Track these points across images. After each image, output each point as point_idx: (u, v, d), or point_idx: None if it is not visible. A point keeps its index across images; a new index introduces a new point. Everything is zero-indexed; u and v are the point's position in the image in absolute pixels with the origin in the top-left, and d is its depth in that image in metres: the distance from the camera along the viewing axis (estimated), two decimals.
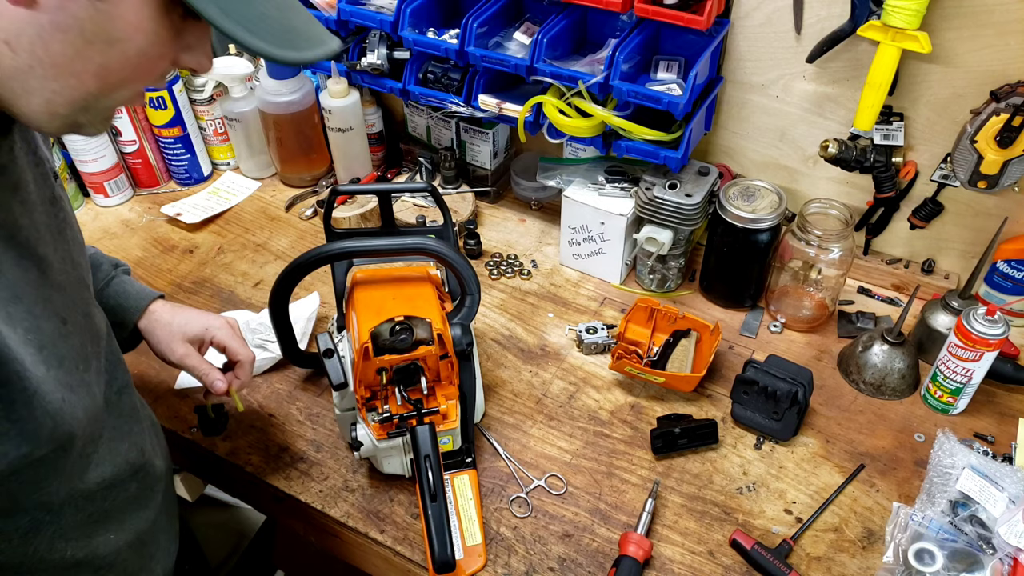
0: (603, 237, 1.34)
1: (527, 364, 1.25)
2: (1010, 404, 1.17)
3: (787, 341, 1.29)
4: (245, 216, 1.57)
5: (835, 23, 1.13)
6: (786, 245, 1.24)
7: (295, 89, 1.49)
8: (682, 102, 1.14)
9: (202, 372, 1.01)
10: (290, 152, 1.58)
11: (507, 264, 1.43)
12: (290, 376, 1.24)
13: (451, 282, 1.14)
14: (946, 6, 1.06)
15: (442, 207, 1.16)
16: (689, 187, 1.24)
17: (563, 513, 1.05)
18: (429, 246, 0.99)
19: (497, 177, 1.56)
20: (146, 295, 1.04)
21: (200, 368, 1.01)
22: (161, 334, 1.02)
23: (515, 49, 1.28)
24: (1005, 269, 1.22)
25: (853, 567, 0.99)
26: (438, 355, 0.96)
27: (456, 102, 1.33)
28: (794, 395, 1.09)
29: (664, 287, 1.37)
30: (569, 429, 1.16)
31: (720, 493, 1.07)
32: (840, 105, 1.23)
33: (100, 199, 1.58)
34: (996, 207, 1.21)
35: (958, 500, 0.99)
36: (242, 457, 1.13)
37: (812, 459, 1.11)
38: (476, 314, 1.04)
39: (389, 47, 1.39)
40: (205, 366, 1.02)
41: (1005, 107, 1.06)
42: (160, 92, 1.49)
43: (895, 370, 1.17)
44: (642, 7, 1.15)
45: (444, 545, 0.88)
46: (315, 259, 0.98)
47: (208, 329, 1.04)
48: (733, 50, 1.26)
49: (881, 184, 1.24)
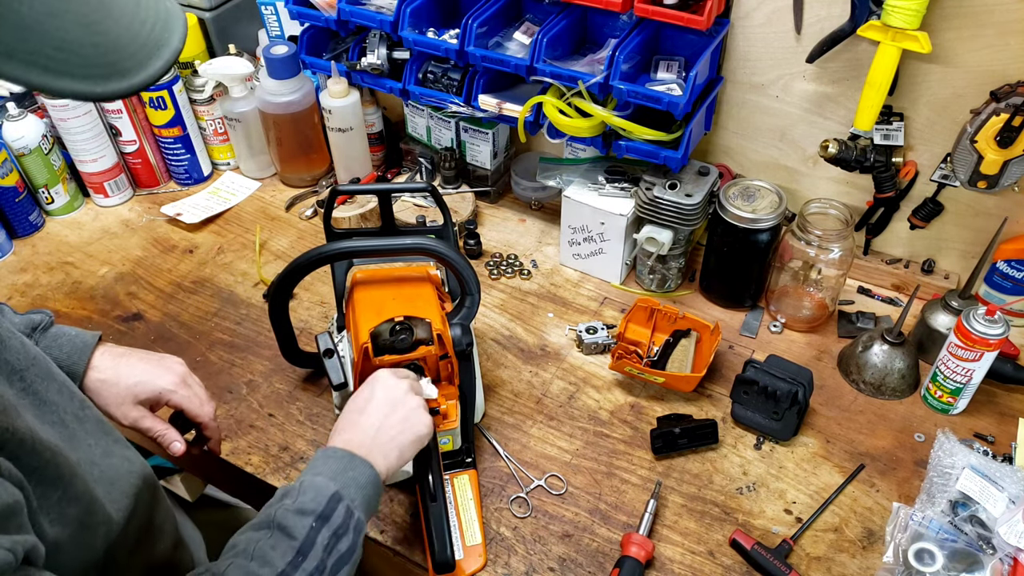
0: (603, 237, 1.34)
1: (527, 364, 1.25)
2: (1010, 404, 1.17)
3: (787, 341, 1.29)
4: (245, 216, 1.57)
5: (835, 23, 1.13)
6: (786, 245, 1.24)
7: (295, 89, 1.49)
8: (682, 102, 1.14)
9: (158, 434, 0.94)
10: (290, 152, 1.58)
11: (507, 264, 1.43)
12: (290, 376, 1.24)
13: (451, 282, 1.14)
14: (946, 6, 1.06)
15: (442, 207, 1.16)
16: (689, 187, 1.24)
17: (563, 513, 1.05)
18: (429, 246, 0.99)
19: (497, 177, 1.56)
20: (83, 346, 0.92)
21: (155, 430, 0.94)
22: (109, 396, 0.92)
23: (515, 49, 1.28)
24: (1005, 269, 1.22)
25: (853, 567, 0.99)
26: (438, 355, 0.96)
27: (456, 102, 1.33)
28: (794, 395, 1.09)
29: (664, 287, 1.37)
30: (569, 429, 1.16)
31: (720, 493, 1.07)
32: (840, 105, 1.23)
33: (100, 199, 1.58)
34: (996, 207, 1.21)
35: (958, 500, 0.99)
36: (242, 457, 1.13)
37: (812, 459, 1.11)
38: (476, 314, 1.04)
39: (389, 47, 1.39)
40: (160, 427, 0.94)
41: (1005, 107, 1.06)
42: (160, 92, 1.49)
43: (895, 370, 1.17)
44: (642, 7, 1.15)
45: (444, 545, 0.88)
46: (315, 259, 0.98)
47: (162, 394, 0.95)
48: (733, 50, 1.26)
49: (881, 184, 1.24)
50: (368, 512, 0.79)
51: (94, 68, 0.48)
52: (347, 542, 0.75)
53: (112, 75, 0.48)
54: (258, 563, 0.70)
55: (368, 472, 0.80)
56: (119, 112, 1.50)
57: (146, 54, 0.51)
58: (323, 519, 0.74)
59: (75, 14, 0.46)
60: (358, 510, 0.77)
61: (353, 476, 0.79)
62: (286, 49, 1.45)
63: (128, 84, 0.50)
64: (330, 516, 0.75)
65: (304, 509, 0.74)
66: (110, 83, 0.49)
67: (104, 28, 0.48)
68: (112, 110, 1.50)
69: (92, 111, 1.47)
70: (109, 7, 0.49)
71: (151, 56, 0.51)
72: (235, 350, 1.28)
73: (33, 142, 1.45)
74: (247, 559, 0.71)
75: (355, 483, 0.78)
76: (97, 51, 0.48)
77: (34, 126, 1.45)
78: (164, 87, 1.49)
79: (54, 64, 0.46)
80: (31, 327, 0.91)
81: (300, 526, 0.73)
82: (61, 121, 1.46)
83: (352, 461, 0.80)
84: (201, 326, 1.33)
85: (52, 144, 1.49)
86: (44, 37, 0.45)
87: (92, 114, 1.48)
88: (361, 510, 0.78)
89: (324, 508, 0.75)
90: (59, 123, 1.47)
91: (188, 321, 1.33)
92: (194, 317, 1.34)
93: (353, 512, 0.76)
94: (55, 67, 0.46)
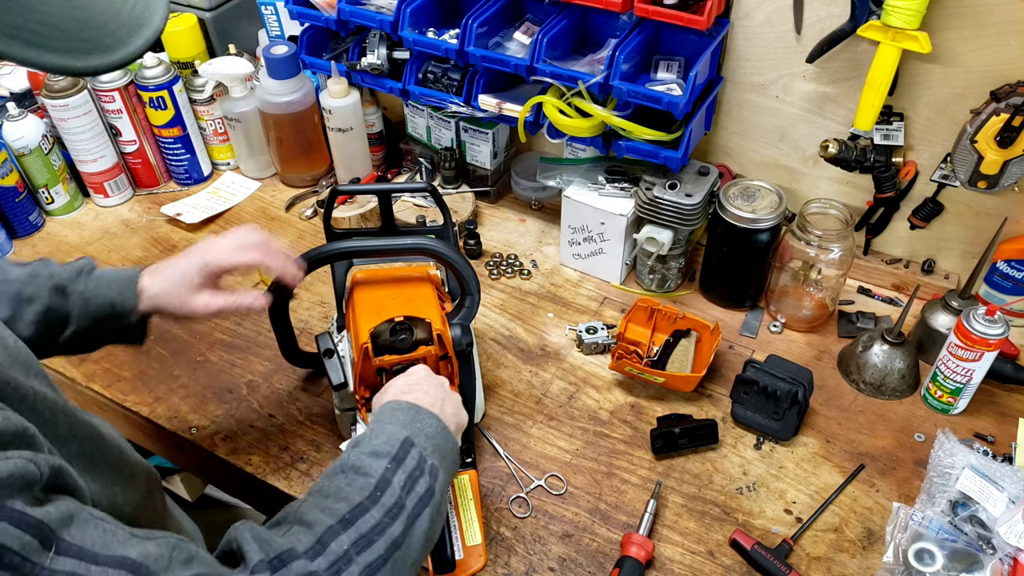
0: (603, 237, 1.34)
1: (527, 364, 1.25)
2: (1010, 404, 1.17)
3: (787, 341, 1.29)
4: (245, 216, 1.57)
5: (835, 23, 1.13)
6: (786, 245, 1.24)
7: (295, 89, 1.49)
8: (682, 102, 1.14)
9: (235, 306, 0.95)
10: (290, 152, 1.58)
11: (507, 264, 1.43)
12: (290, 376, 1.24)
13: (451, 282, 1.14)
14: (946, 6, 1.06)
15: (442, 207, 1.16)
16: (689, 187, 1.24)
17: (563, 513, 1.05)
18: (429, 246, 0.99)
19: (497, 177, 1.56)
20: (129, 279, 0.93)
21: (230, 305, 0.95)
22: (171, 303, 0.93)
23: (515, 49, 1.28)
24: (1005, 269, 1.22)
25: (853, 567, 0.99)
26: (438, 355, 0.96)
27: (456, 102, 1.33)
28: (794, 395, 1.09)
29: (664, 287, 1.37)
30: (569, 429, 1.16)
31: (720, 493, 1.07)
32: (840, 105, 1.23)
33: (100, 199, 1.58)
34: (996, 207, 1.21)
35: (958, 500, 0.99)
36: (242, 457, 1.13)
37: (812, 459, 1.11)
38: (476, 314, 1.04)
39: (389, 47, 1.39)
40: (231, 300, 0.95)
41: (1005, 107, 1.06)
42: (160, 92, 1.49)
43: (895, 370, 1.17)
44: (642, 7, 1.15)
45: (444, 545, 0.88)
46: (315, 259, 0.98)
47: (206, 265, 0.94)
48: (733, 50, 1.26)
49: (881, 184, 1.24)
50: (443, 461, 0.79)
51: (75, 43, 0.49)
52: (424, 484, 0.74)
53: (93, 51, 0.50)
54: (334, 499, 0.70)
55: (436, 424, 0.80)
56: (119, 112, 1.50)
57: (127, 32, 0.52)
58: (397, 461, 0.74)
59: None
60: (431, 457, 0.77)
61: (421, 427, 0.79)
62: (286, 49, 1.45)
63: (108, 60, 0.51)
64: (404, 459, 0.75)
65: (378, 452, 0.75)
66: (91, 58, 0.50)
67: (85, 3, 0.49)
68: (112, 110, 1.50)
69: (92, 111, 1.47)
70: None
71: (132, 34, 0.52)
72: (235, 350, 1.28)
73: (33, 142, 1.45)
74: (323, 496, 0.71)
75: (423, 432, 0.78)
76: (79, 26, 0.49)
77: (34, 126, 1.45)
78: (164, 87, 1.49)
79: (36, 38, 0.47)
80: (77, 272, 0.93)
81: (375, 466, 0.73)
82: (61, 121, 1.46)
83: (419, 413, 0.80)
84: (201, 326, 1.32)
85: (52, 144, 1.49)
86: (28, 11, 0.46)
87: (92, 114, 1.48)
88: (435, 458, 0.77)
89: (398, 451, 0.75)
90: (59, 123, 1.47)
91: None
92: None
93: (426, 459, 0.76)
94: (37, 41, 0.47)
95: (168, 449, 1.23)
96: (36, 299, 0.89)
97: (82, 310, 0.91)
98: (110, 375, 1.24)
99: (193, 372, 1.25)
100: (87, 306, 0.92)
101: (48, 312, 0.89)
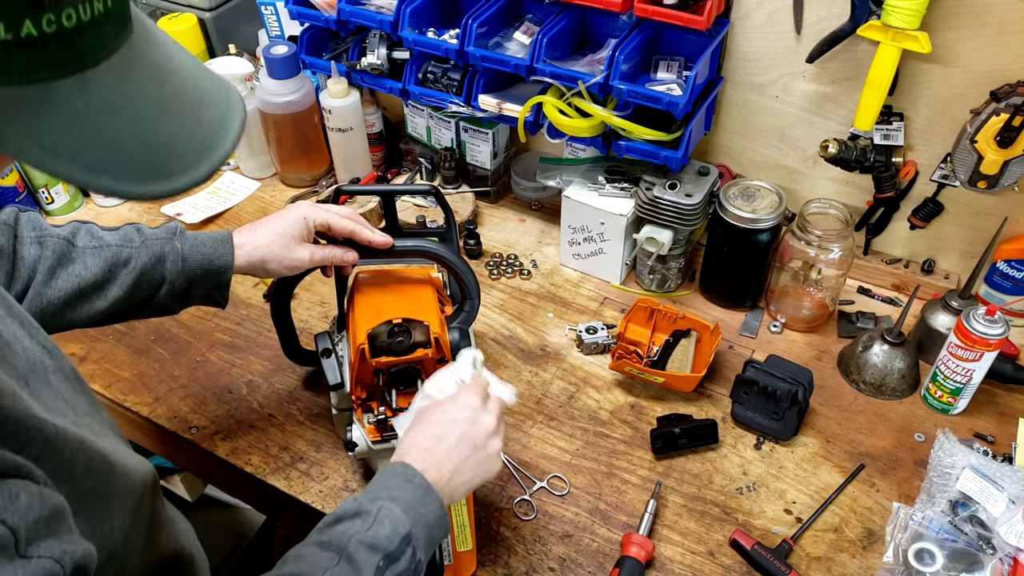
0: (603, 237, 1.34)
1: (527, 364, 1.25)
2: (1010, 404, 1.17)
3: (787, 341, 1.29)
4: (245, 216, 1.57)
5: (835, 23, 1.13)
6: (786, 245, 1.24)
7: (295, 89, 1.49)
8: (682, 102, 1.14)
9: (336, 257, 0.99)
10: (290, 152, 1.58)
11: (507, 264, 1.43)
12: (290, 376, 1.24)
13: (453, 285, 1.14)
14: (946, 6, 1.06)
15: (446, 210, 1.15)
16: (689, 187, 1.24)
17: (563, 513, 1.05)
18: (430, 249, 0.99)
19: (497, 177, 1.56)
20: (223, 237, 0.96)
21: (332, 256, 0.99)
22: (275, 253, 0.96)
23: (515, 49, 1.28)
24: (1005, 269, 1.22)
25: (853, 567, 0.99)
26: (435, 359, 0.96)
27: (456, 102, 1.33)
28: (794, 395, 1.09)
29: (664, 287, 1.37)
30: (569, 429, 1.16)
31: (720, 493, 1.07)
32: (840, 105, 1.23)
33: (100, 199, 1.58)
34: (996, 207, 1.21)
35: (958, 500, 0.99)
36: (242, 457, 1.13)
37: (812, 459, 1.11)
38: (476, 318, 1.04)
39: (389, 47, 1.39)
40: (333, 251, 0.99)
41: (1005, 107, 1.06)
42: None
43: (895, 370, 1.17)
44: (642, 7, 1.15)
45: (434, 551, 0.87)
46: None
47: (305, 219, 0.98)
48: (733, 50, 1.26)
49: (881, 184, 1.24)
50: (427, 552, 0.78)
51: (138, 169, 0.44)
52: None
53: (157, 177, 0.45)
54: None
55: (438, 512, 0.78)
56: None
57: (195, 156, 0.47)
58: (391, 559, 0.73)
59: (132, 111, 0.43)
60: (421, 550, 0.76)
61: (424, 513, 0.77)
62: (286, 49, 1.45)
63: (170, 187, 0.46)
64: (399, 558, 0.73)
65: (377, 545, 0.73)
66: (151, 184, 0.45)
67: (158, 127, 0.45)
68: None
69: None
70: (168, 105, 0.45)
71: (200, 159, 0.48)
72: (235, 350, 1.28)
73: None
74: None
75: (423, 521, 0.77)
76: (146, 151, 0.44)
77: None
78: None
79: (96, 163, 0.42)
80: (171, 233, 0.95)
81: (369, 564, 0.71)
82: None
83: (428, 496, 0.78)
84: (201, 326, 1.33)
85: None
86: (94, 134, 0.42)
87: None
88: (423, 551, 0.77)
89: (395, 549, 0.73)
90: None
91: (188, 321, 1.33)
92: (194, 317, 1.34)
93: (417, 554, 0.75)
94: (96, 165, 0.42)
95: (168, 449, 1.23)
96: (132, 261, 0.92)
97: (178, 269, 0.93)
98: (110, 375, 1.24)
99: (193, 372, 1.25)
100: (183, 265, 0.94)
101: (144, 274, 0.92)
